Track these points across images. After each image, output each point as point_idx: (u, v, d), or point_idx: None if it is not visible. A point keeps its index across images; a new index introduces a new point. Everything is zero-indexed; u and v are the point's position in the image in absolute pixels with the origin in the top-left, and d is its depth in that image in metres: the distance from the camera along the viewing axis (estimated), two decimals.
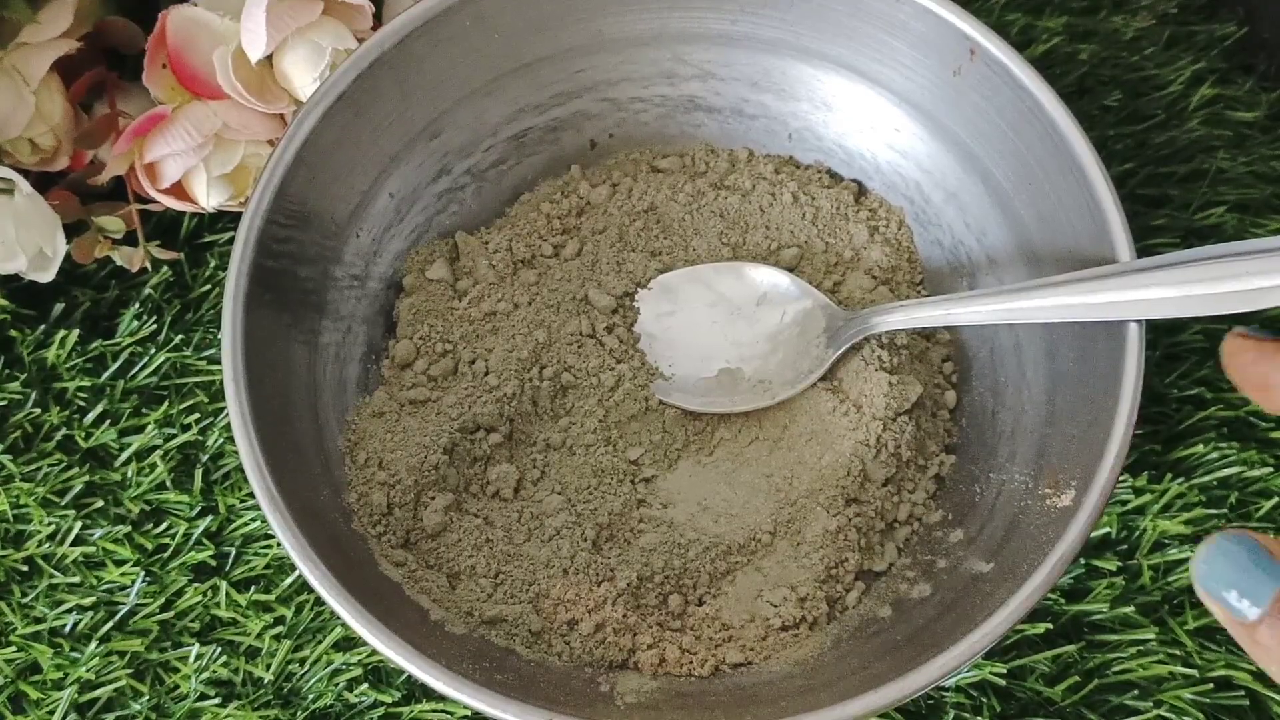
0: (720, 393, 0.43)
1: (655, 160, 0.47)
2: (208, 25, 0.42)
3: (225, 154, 0.43)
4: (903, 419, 0.41)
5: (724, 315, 0.43)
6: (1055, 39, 0.52)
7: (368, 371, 0.43)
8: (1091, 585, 0.42)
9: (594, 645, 0.38)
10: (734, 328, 0.43)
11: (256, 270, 0.38)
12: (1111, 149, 0.50)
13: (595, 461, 0.41)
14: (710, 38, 0.44)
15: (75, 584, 0.43)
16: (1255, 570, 0.29)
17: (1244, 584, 0.29)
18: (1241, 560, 0.29)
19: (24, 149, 0.44)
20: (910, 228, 0.45)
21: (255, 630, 0.42)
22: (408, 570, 0.39)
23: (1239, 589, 0.29)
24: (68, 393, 0.45)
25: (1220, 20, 0.53)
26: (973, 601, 0.36)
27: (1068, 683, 0.41)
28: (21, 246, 0.43)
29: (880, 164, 0.45)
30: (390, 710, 0.41)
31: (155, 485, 0.44)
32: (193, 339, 0.46)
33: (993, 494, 0.40)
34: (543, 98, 0.45)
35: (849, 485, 0.40)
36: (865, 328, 0.41)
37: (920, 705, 0.41)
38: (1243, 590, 0.29)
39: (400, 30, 0.40)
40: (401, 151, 0.43)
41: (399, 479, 0.40)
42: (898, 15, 0.41)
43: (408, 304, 0.44)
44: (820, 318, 0.43)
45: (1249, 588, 0.29)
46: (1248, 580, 0.29)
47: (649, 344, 0.43)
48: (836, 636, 0.39)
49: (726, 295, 0.44)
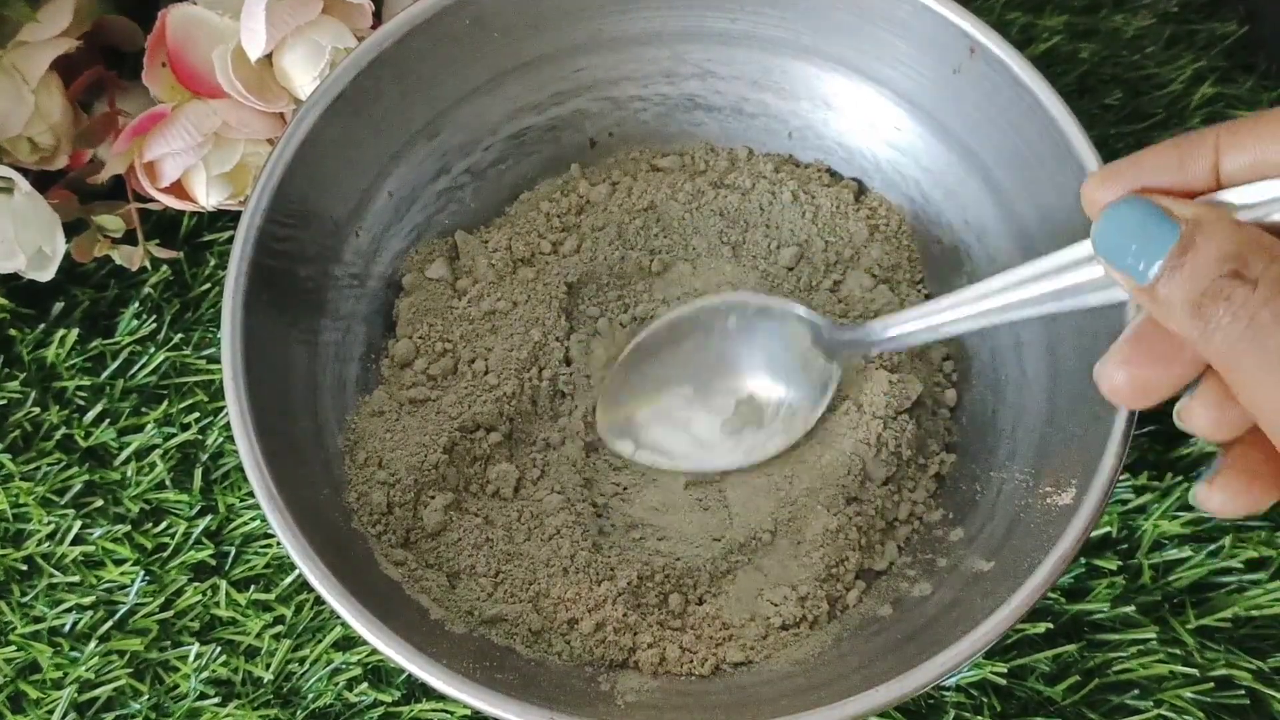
0: (747, 435, 0.41)
1: (655, 159, 0.47)
2: (207, 24, 0.42)
3: (224, 153, 0.43)
4: (903, 417, 0.41)
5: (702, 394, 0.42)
6: (1056, 37, 0.52)
7: (367, 371, 0.43)
8: (1092, 584, 0.42)
9: (594, 644, 0.38)
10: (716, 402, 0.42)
11: (256, 269, 0.38)
12: (1113, 148, 0.50)
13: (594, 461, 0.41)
14: (710, 36, 0.44)
15: (75, 583, 0.43)
16: (1151, 227, 0.28)
17: (1141, 243, 0.28)
18: (1137, 220, 0.28)
19: (23, 148, 0.44)
20: (910, 226, 0.45)
21: (255, 630, 0.42)
22: (408, 570, 0.39)
23: (1137, 248, 0.28)
24: (67, 392, 0.45)
25: (1221, 19, 0.53)
26: (973, 600, 0.36)
27: (1068, 682, 0.41)
28: (21, 245, 0.43)
29: (880, 162, 0.45)
30: (390, 710, 0.41)
31: (155, 484, 0.44)
32: (192, 338, 0.46)
33: (993, 493, 0.40)
34: (542, 97, 0.45)
35: (849, 484, 0.40)
36: (863, 344, 0.39)
37: (921, 704, 0.41)
38: (1141, 248, 0.28)
39: (400, 29, 0.40)
40: (401, 150, 0.43)
41: (399, 478, 0.40)
42: (898, 14, 0.41)
43: (407, 303, 0.44)
44: (804, 332, 0.41)
45: (1146, 246, 0.28)
46: (1144, 238, 0.28)
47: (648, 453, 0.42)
48: (837, 635, 0.39)
49: (698, 363, 0.42)
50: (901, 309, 0.41)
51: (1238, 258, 0.27)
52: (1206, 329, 0.27)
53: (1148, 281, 0.28)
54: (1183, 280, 0.28)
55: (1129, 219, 0.29)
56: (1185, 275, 0.28)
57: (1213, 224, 0.28)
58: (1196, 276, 0.27)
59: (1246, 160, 0.28)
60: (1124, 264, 0.29)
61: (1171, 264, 0.28)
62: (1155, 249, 0.28)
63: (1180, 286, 0.28)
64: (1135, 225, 0.28)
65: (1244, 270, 0.27)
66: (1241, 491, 0.30)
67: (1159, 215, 0.28)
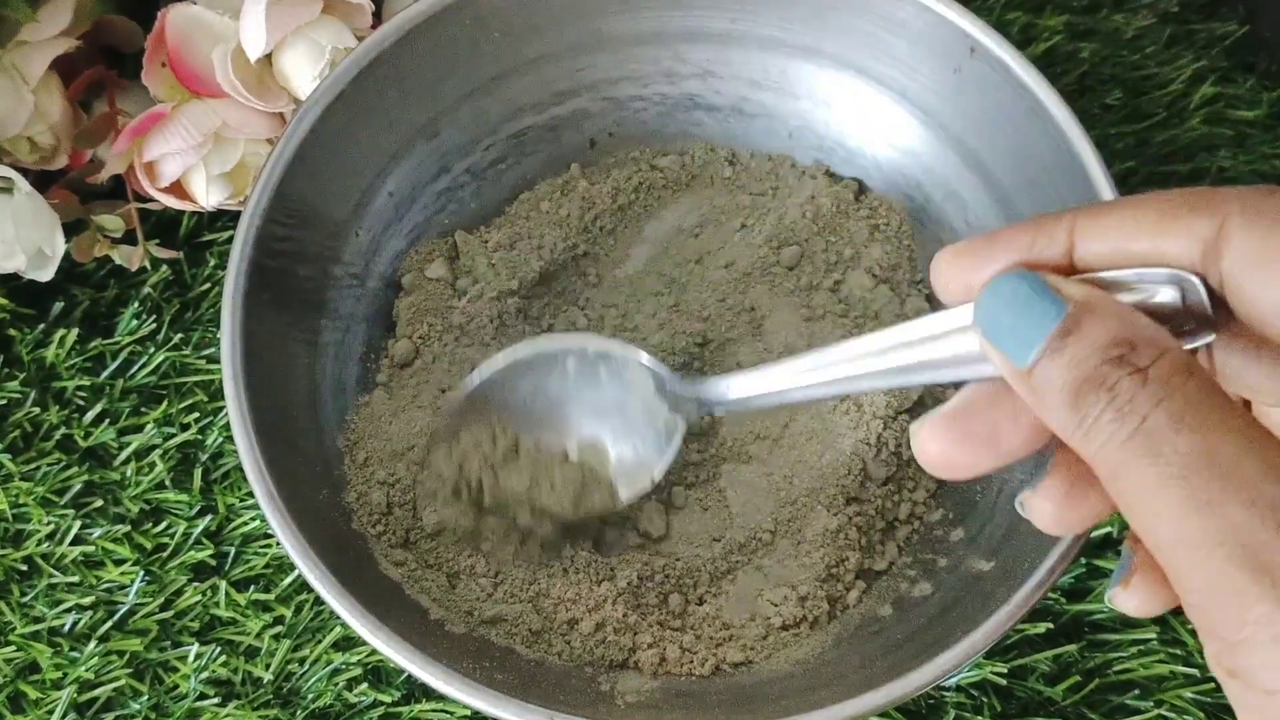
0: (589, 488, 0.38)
1: (655, 159, 0.47)
2: (207, 24, 0.42)
3: (224, 152, 0.43)
4: (903, 417, 0.41)
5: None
6: (1056, 37, 0.52)
7: (367, 371, 0.43)
8: (1092, 585, 0.42)
9: (594, 644, 0.38)
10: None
11: (256, 269, 0.38)
12: (1112, 148, 0.50)
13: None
14: (710, 36, 0.44)
15: (74, 583, 0.43)
16: (1035, 305, 0.25)
17: (1024, 320, 0.25)
18: (1022, 296, 0.25)
19: (23, 147, 0.44)
20: (910, 226, 0.45)
21: (255, 630, 0.42)
22: (408, 570, 0.39)
23: (1018, 327, 0.25)
24: (67, 392, 0.45)
25: (1221, 19, 0.53)
26: (973, 600, 0.36)
27: (1068, 682, 0.41)
28: (21, 245, 0.43)
29: (880, 162, 0.45)
30: (390, 710, 0.41)
31: (154, 484, 0.44)
32: (192, 338, 0.46)
33: (993, 493, 0.40)
34: (542, 96, 0.45)
35: (849, 484, 0.40)
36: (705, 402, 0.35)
37: (921, 704, 0.41)
38: (1022, 327, 0.25)
39: (400, 29, 0.40)
40: (401, 150, 0.43)
41: (399, 478, 0.40)
42: (898, 13, 0.41)
43: (407, 303, 0.44)
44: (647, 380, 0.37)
45: (1027, 325, 0.25)
46: (1027, 316, 0.25)
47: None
48: (837, 636, 0.39)
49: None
50: (850, 336, 0.34)
51: (1126, 344, 0.24)
52: (1084, 424, 0.24)
53: (1026, 365, 0.25)
54: (1062, 365, 0.24)
55: (1015, 294, 0.25)
56: (1066, 360, 0.24)
57: (1101, 306, 0.25)
58: (1078, 362, 0.24)
59: (1104, 249, 0.26)
60: (1002, 343, 0.25)
61: (1053, 346, 0.24)
62: (1037, 329, 0.25)
63: (1059, 371, 0.24)
64: (1020, 301, 0.25)
65: (1132, 358, 0.24)
66: (1158, 590, 0.28)
67: (1045, 292, 0.25)
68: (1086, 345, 0.24)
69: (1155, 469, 0.22)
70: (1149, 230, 0.25)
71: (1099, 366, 0.24)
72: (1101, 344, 0.24)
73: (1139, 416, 0.23)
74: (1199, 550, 0.22)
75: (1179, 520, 0.22)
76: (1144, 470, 0.23)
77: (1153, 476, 0.23)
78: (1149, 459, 0.23)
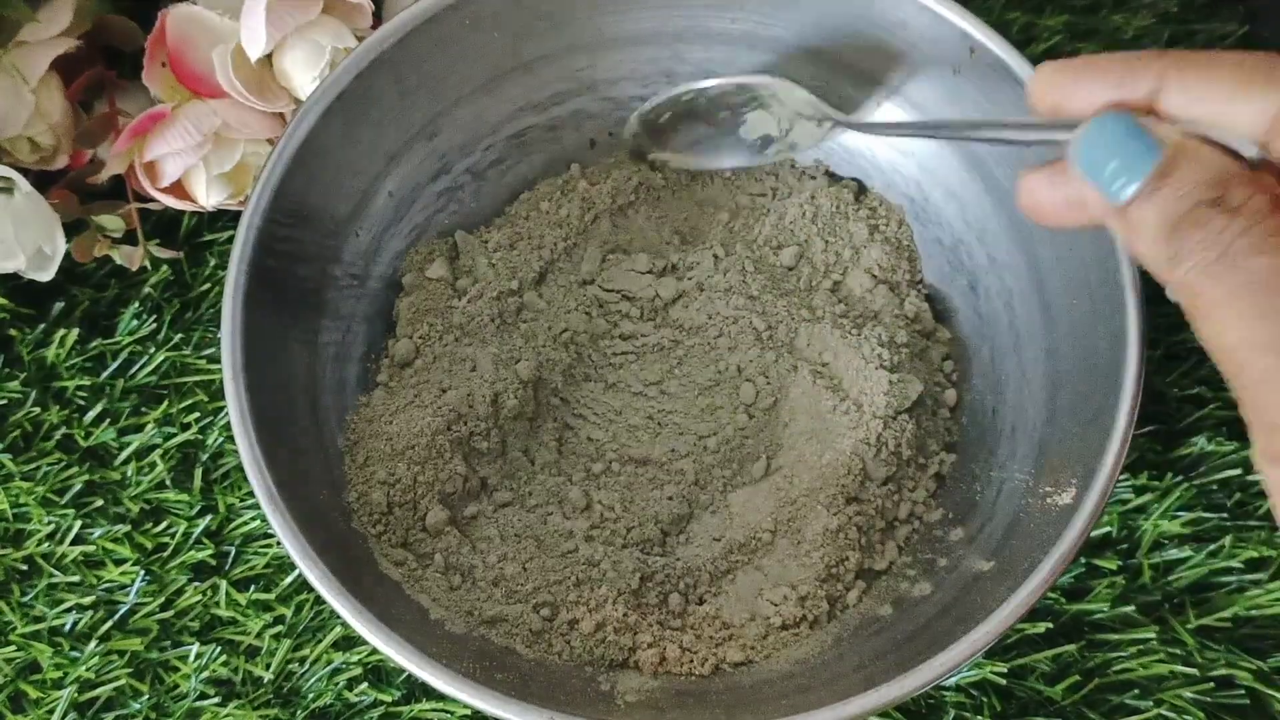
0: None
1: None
2: (207, 24, 0.42)
3: (225, 152, 0.43)
4: (903, 417, 0.41)
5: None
6: (1056, 37, 0.52)
7: (367, 370, 0.43)
8: (1092, 584, 0.42)
9: (594, 644, 0.38)
10: None
11: (256, 269, 0.38)
12: None
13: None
14: (710, 36, 0.44)
15: (75, 583, 0.43)
16: (1132, 146, 0.27)
17: (1121, 160, 0.27)
18: (1119, 136, 0.27)
19: (23, 147, 0.44)
20: (910, 226, 0.45)
21: (255, 629, 0.42)
22: (408, 570, 0.39)
23: (1116, 165, 0.27)
24: (67, 392, 0.45)
25: (1221, 19, 0.53)
26: (973, 600, 0.36)
27: (1068, 682, 0.41)
28: (21, 245, 0.43)
29: (880, 162, 0.45)
30: (390, 709, 0.41)
31: (155, 484, 0.44)
32: (192, 338, 0.46)
33: (993, 492, 0.40)
34: (542, 97, 0.45)
35: (849, 484, 0.40)
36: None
37: (920, 704, 0.41)
38: (1120, 166, 0.27)
39: (400, 29, 0.40)
40: (401, 150, 0.43)
41: (399, 478, 0.40)
42: (898, 13, 0.41)
43: (407, 303, 0.44)
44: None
45: (1125, 164, 0.27)
46: (1125, 156, 0.27)
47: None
48: (837, 635, 0.39)
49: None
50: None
51: (1221, 185, 0.26)
52: (1176, 256, 0.26)
53: (1122, 201, 0.27)
54: (1160, 203, 0.26)
55: (1112, 134, 0.27)
56: (1163, 199, 0.26)
57: (1196, 150, 0.27)
58: (1176, 200, 0.26)
59: (1184, 101, 0.27)
60: (1099, 180, 0.27)
61: (1150, 186, 0.26)
62: (1135, 168, 0.27)
63: (1156, 209, 0.26)
64: (1117, 141, 0.27)
65: (1226, 199, 0.26)
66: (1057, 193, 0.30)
67: (1141, 134, 0.27)
68: (1183, 186, 0.26)
69: (1231, 283, 0.25)
70: (1226, 94, 0.27)
71: (1195, 207, 0.26)
72: (1198, 183, 0.26)
73: (1223, 245, 0.25)
74: (1257, 349, 0.25)
75: (1244, 325, 0.25)
76: (1221, 284, 0.25)
77: (1226, 290, 0.25)
78: (1228, 275, 0.25)
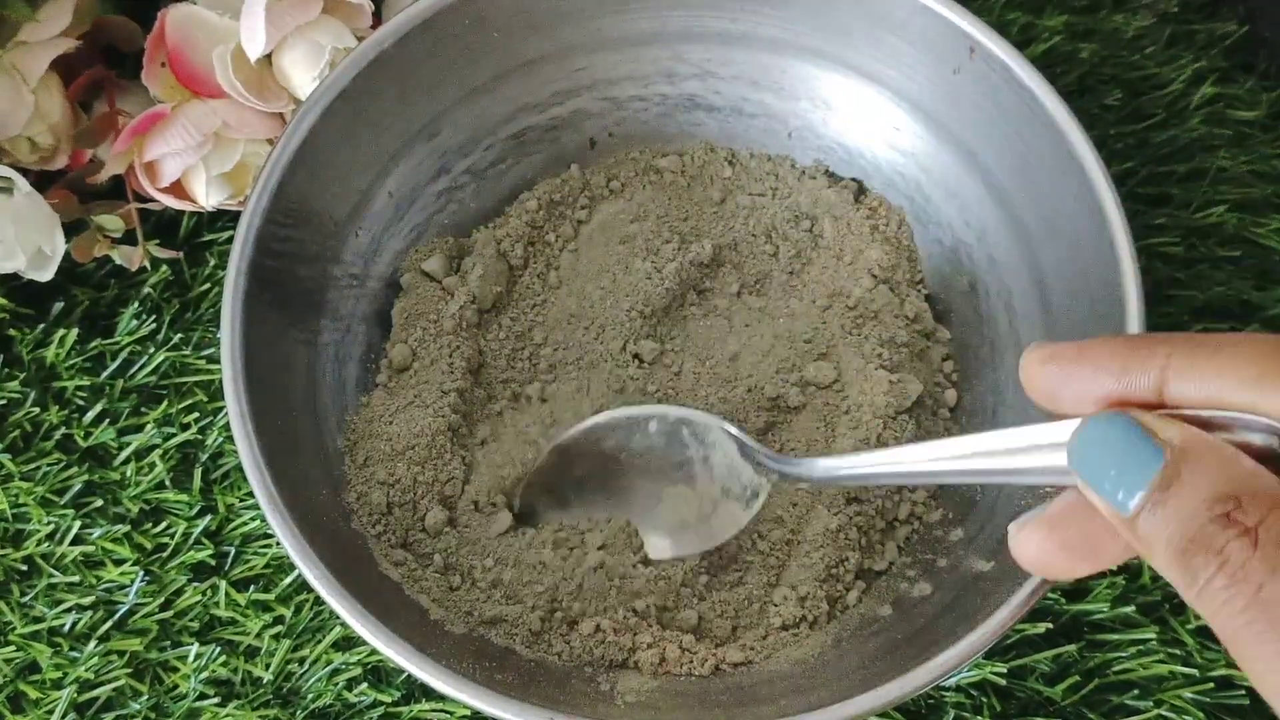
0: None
1: (655, 159, 0.47)
2: (207, 23, 0.42)
3: (224, 153, 0.43)
4: (903, 417, 0.41)
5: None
6: (1056, 37, 0.52)
7: (367, 371, 0.43)
8: (1092, 585, 0.42)
9: (594, 645, 0.38)
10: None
11: (256, 269, 0.38)
12: (1112, 148, 0.50)
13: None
14: (710, 36, 0.44)
15: (74, 583, 0.43)
16: (1132, 452, 0.24)
17: (1121, 469, 0.24)
18: (1117, 440, 0.25)
19: (23, 147, 0.44)
20: (910, 226, 0.45)
21: (254, 630, 0.42)
22: (407, 570, 0.39)
23: (1115, 474, 0.25)
24: (67, 392, 0.45)
25: (1221, 19, 0.53)
26: (973, 600, 0.36)
27: (1068, 682, 0.41)
28: (21, 245, 0.43)
29: (880, 162, 0.45)
30: (390, 710, 0.41)
31: (154, 484, 0.44)
32: (192, 338, 0.46)
33: (993, 493, 0.40)
34: (542, 96, 0.45)
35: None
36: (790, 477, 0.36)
37: (920, 705, 0.41)
38: (1120, 475, 0.25)
39: (400, 29, 0.40)
40: (401, 150, 0.43)
41: (399, 478, 0.40)
42: (897, 13, 0.41)
43: (400, 307, 0.44)
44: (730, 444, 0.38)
45: (1125, 473, 0.24)
46: (1124, 464, 0.24)
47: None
48: (837, 635, 0.39)
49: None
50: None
51: (1230, 499, 0.23)
52: (1195, 585, 0.23)
53: (1128, 513, 0.24)
54: (1166, 519, 0.24)
55: (1109, 438, 0.25)
56: (1169, 514, 0.24)
57: (1202, 454, 0.24)
58: (1182, 517, 0.23)
59: (1199, 395, 0.25)
60: (1102, 489, 0.25)
61: (1154, 498, 0.24)
62: (1136, 478, 0.24)
63: (1163, 526, 0.24)
64: (1115, 447, 0.25)
65: (1239, 516, 0.23)
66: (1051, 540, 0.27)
67: (1140, 437, 0.25)
68: (1190, 499, 0.24)
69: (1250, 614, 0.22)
70: (1250, 385, 0.24)
71: (1205, 526, 0.23)
72: (1205, 498, 0.23)
73: (1254, 585, 0.22)
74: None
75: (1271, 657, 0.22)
76: (1262, 644, 0.22)
77: (1246, 619, 0.22)
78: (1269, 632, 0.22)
